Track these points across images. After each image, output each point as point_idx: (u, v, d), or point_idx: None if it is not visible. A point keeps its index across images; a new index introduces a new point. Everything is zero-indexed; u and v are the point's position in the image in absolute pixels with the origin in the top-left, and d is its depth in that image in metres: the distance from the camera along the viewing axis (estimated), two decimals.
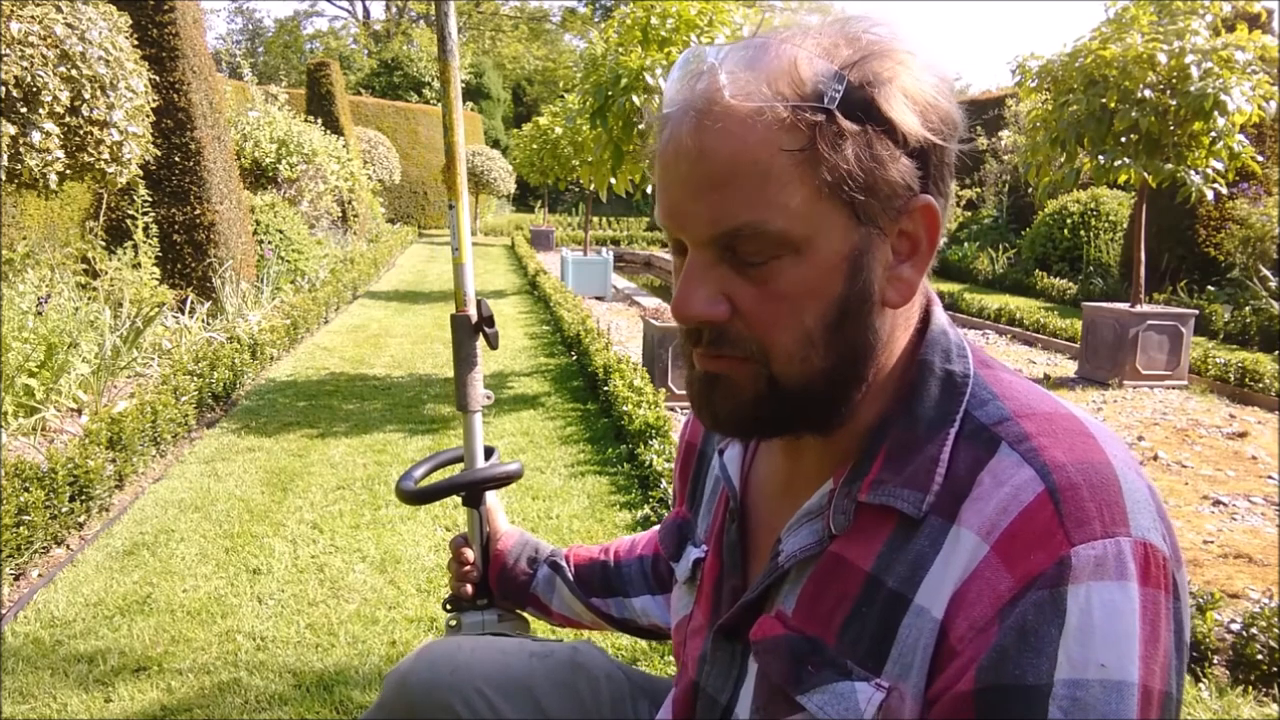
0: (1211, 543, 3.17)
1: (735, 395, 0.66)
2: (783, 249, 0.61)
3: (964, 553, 0.59)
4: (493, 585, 1.16)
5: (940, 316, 0.70)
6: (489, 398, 1.19)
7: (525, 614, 1.18)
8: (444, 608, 1.18)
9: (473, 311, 1.15)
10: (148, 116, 4.91)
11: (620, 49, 5.02)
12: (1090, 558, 0.55)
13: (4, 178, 3.90)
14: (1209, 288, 8.37)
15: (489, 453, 1.20)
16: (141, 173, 5.37)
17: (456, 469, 1.20)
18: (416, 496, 1.12)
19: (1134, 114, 5.16)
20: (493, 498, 1.18)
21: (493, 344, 1.15)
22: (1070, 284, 10.24)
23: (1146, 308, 5.91)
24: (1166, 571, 0.57)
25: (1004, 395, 0.65)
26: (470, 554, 1.16)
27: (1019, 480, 0.59)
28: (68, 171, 4.31)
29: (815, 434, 0.68)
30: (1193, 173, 5.28)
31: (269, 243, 7.70)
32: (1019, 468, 0.60)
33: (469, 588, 1.16)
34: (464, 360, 1.15)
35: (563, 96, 12.81)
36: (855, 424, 0.68)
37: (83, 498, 3.07)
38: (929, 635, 0.59)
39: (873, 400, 0.68)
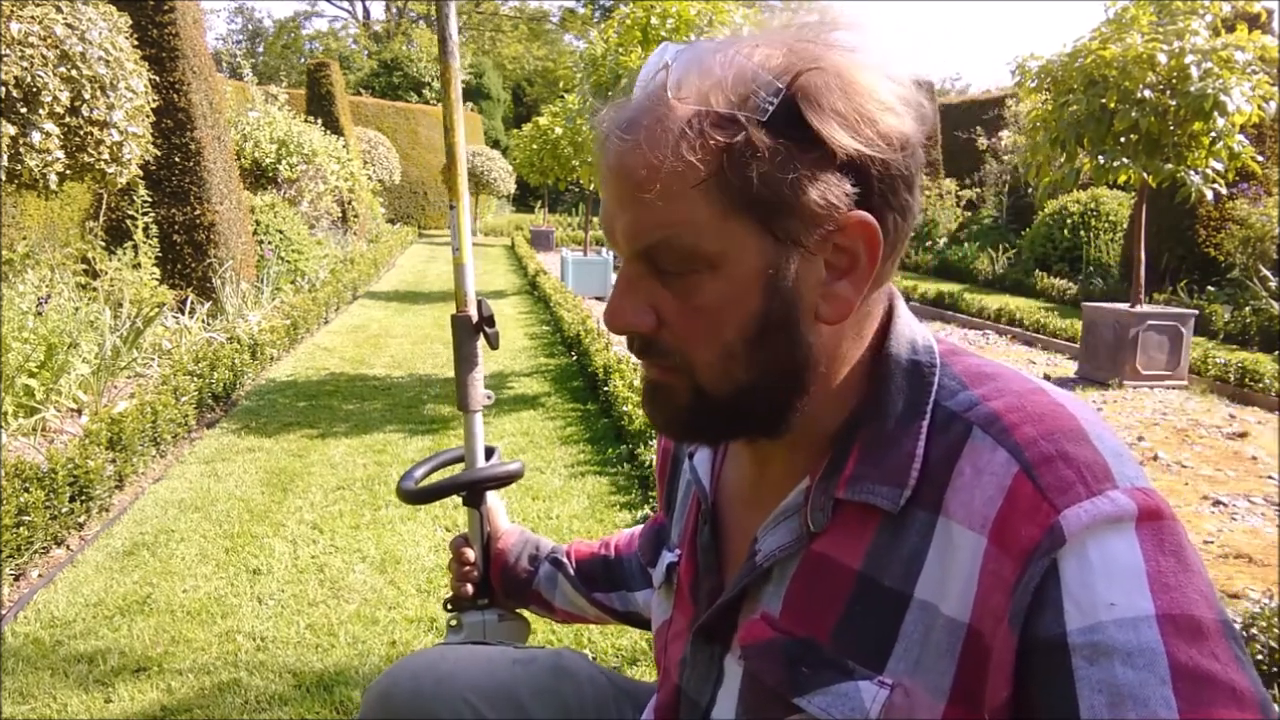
0: (1211, 543, 3.17)
1: (671, 403, 0.68)
2: (699, 264, 0.62)
3: (965, 550, 0.59)
4: (495, 584, 1.16)
5: (904, 312, 0.70)
6: (490, 398, 1.19)
7: (528, 612, 1.18)
8: (445, 608, 1.18)
9: (473, 311, 1.15)
10: (148, 117, 4.91)
11: (620, 49, 5.02)
12: (1080, 516, 0.55)
13: (4, 178, 3.90)
14: (1209, 288, 8.37)
15: (490, 452, 1.20)
16: (141, 173, 5.37)
17: (457, 469, 1.20)
18: (417, 496, 1.13)
19: (1134, 114, 5.16)
20: (494, 497, 1.18)
21: (493, 344, 1.15)
22: (1070, 284, 10.24)
23: (1146, 308, 5.91)
24: (1167, 506, 0.57)
25: (973, 381, 0.65)
26: (471, 554, 1.16)
27: (995, 464, 0.59)
28: (68, 172, 4.31)
29: (763, 438, 0.69)
30: (1193, 173, 5.28)
31: (269, 243, 7.70)
32: (993, 451, 0.60)
33: (469, 588, 1.16)
34: (464, 360, 1.15)
35: (563, 96, 12.79)
36: (824, 424, 0.68)
37: (83, 498, 3.07)
38: (947, 633, 0.59)
39: (839, 400, 0.68)
